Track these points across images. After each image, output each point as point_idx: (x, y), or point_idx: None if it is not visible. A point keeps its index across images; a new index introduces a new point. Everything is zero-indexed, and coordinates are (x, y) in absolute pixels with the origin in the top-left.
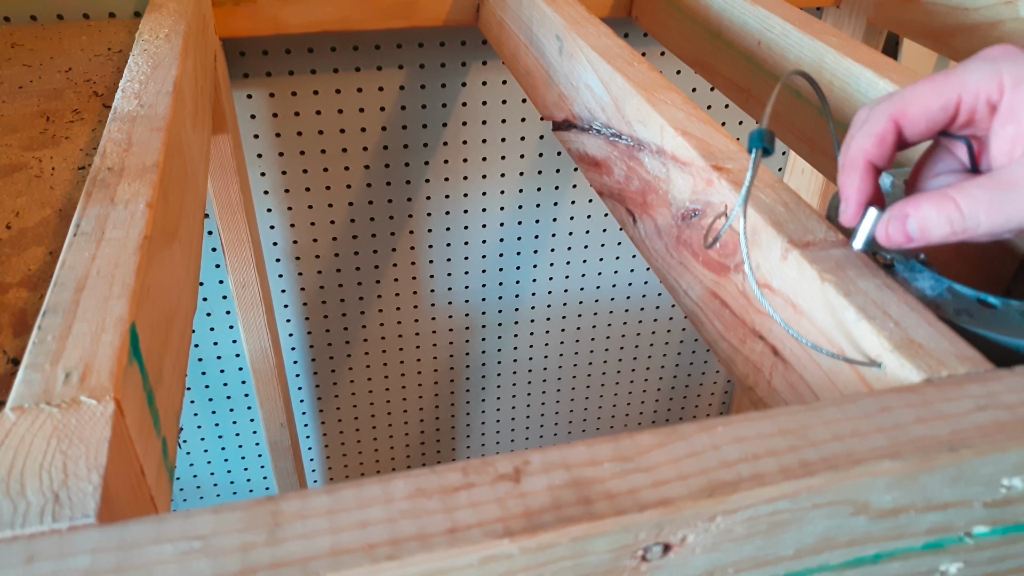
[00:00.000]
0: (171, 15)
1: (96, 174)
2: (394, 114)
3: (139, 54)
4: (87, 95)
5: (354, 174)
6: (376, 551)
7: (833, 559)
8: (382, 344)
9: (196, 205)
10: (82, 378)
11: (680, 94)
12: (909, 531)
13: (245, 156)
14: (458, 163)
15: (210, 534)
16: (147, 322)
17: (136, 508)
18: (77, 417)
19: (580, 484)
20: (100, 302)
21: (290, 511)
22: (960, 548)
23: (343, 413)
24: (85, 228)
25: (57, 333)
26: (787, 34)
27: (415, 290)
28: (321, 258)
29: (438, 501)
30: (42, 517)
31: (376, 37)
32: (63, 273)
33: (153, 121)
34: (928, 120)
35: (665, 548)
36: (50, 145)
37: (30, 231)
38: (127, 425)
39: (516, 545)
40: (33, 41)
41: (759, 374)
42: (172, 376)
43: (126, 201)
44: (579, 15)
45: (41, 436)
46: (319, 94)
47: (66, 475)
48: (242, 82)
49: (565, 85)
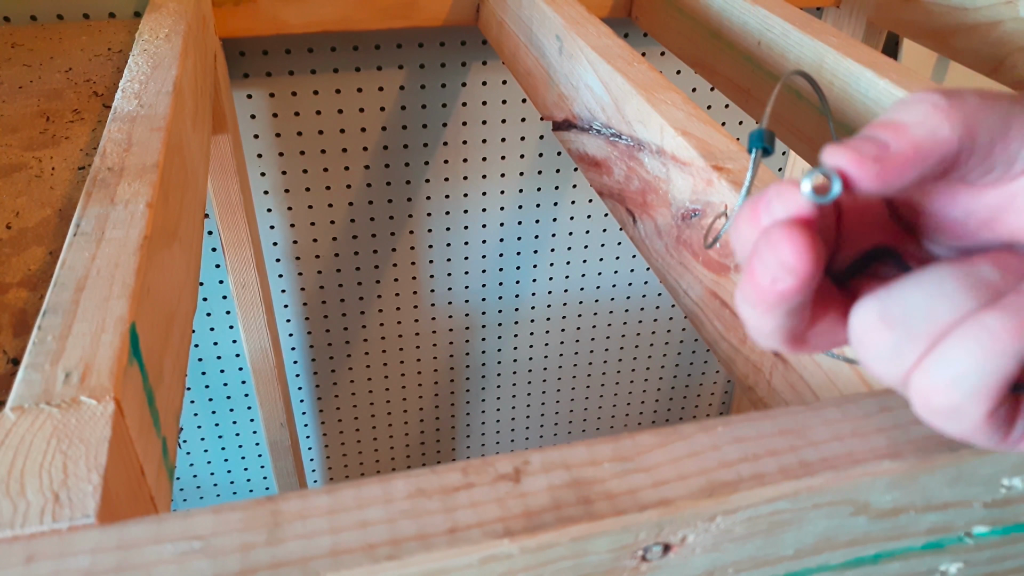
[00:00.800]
0: (171, 15)
1: (96, 174)
2: (394, 114)
3: (139, 54)
4: (87, 95)
5: (354, 174)
6: (376, 551)
7: (833, 559)
8: (382, 344)
9: (196, 205)
10: (82, 378)
11: (680, 94)
12: (909, 531)
13: (245, 156)
14: (458, 163)
15: (210, 534)
16: (147, 322)
17: (136, 508)
18: (77, 417)
19: (580, 484)
20: (100, 302)
21: (290, 511)
22: (960, 548)
23: (343, 413)
24: (85, 228)
25: (57, 333)
26: (787, 34)
27: (415, 290)
28: (321, 258)
29: (438, 501)
30: (42, 517)
31: (376, 37)
32: (63, 273)
33: (153, 121)
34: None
35: (665, 548)
36: (50, 145)
37: (30, 231)
38: (127, 425)
39: (516, 545)
40: (33, 41)
41: (759, 374)
42: (172, 376)
43: (126, 201)
44: (579, 15)
45: (41, 436)
46: (319, 94)
47: (66, 475)
48: (242, 82)
49: (565, 85)
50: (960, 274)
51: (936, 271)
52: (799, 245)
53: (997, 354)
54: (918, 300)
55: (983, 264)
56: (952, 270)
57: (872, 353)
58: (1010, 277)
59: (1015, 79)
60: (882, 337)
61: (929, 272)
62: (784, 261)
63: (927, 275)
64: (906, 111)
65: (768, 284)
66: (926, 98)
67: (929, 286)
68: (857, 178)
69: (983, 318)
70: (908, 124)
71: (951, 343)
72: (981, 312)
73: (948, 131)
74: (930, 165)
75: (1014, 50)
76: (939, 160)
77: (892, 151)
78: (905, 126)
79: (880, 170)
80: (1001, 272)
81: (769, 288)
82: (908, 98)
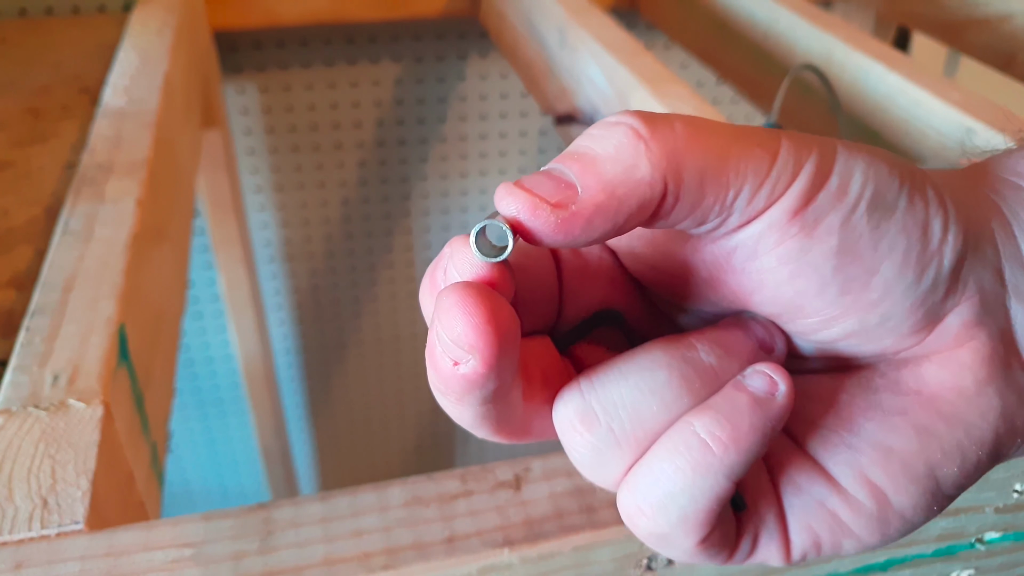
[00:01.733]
0: (161, 8)
1: (84, 171)
2: (390, 109)
3: (129, 48)
4: (76, 91)
5: (349, 171)
6: (371, 561)
7: (842, 566)
8: (377, 346)
9: (186, 203)
10: (70, 381)
11: (686, 87)
12: (920, 537)
13: (237, 152)
14: (456, 159)
15: (201, 542)
16: (136, 323)
17: (126, 514)
18: (65, 421)
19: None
20: (88, 303)
21: (283, 519)
22: (972, 554)
23: (337, 417)
24: (73, 226)
25: (45, 334)
26: (795, 27)
27: (412, 291)
28: (315, 258)
29: (435, 509)
30: (31, 523)
31: (372, 29)
32: (50, 273)
33: (142, 117)
34: None
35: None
36: (38, 142)
37: (18, 230)
38: (116, 429)
39: (516, 555)
40: (21, 36)
41: None
42: (161, 379)
43: (115, 199)
44: (581, 6)
45: (29, 440)
46: (313, 88)
47: (54, 480)
48: (234, 76)
49: (567, 78)
50: (673, 361)
51: (646, 357)
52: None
53: (709, 471)
54: (623, 395)
55: (701, 345)
56: (664, 356)
57: (575, 457)
58: (731, 360)
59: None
60: (582, 440)
61: (639, 358)
62: (460, 338)
63: (636, 362)
64: (601, 138)
65: (448, 369)
66: (625, 122)
67: (636, 377)
68: (535, 230)
69: (693, 423)
70: (599, 157)
71: (657, 456)
72: (691, 414)
73: (647, 170)
74: (626, 212)
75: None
76: (638, 205)
77: (579, 196)
78: (596, 159)
79: (562, 221)
80: (720, 354)
81: (451, 373)
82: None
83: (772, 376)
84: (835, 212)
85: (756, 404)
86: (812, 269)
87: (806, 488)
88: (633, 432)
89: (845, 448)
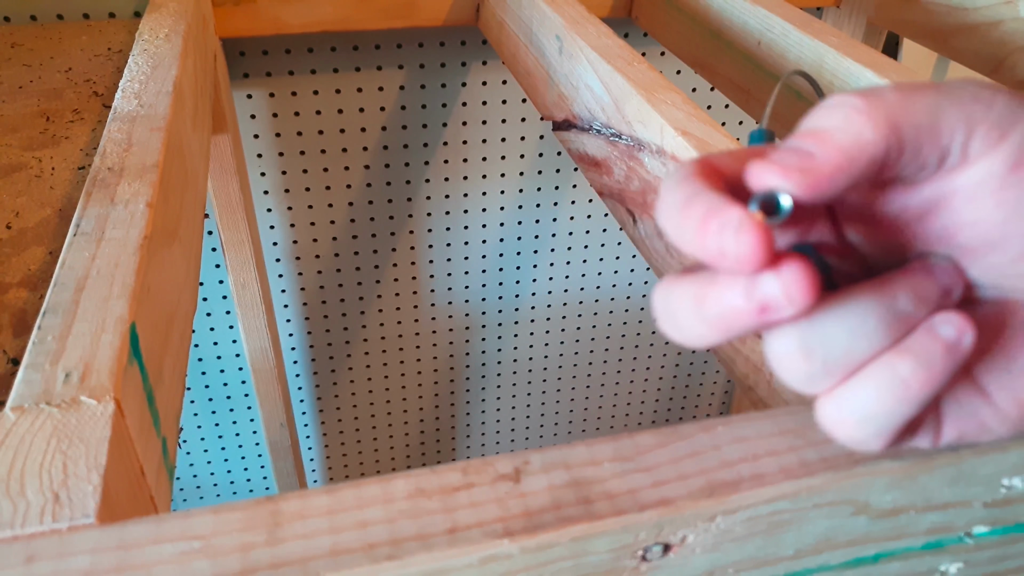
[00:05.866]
0: (171, 15)
1: (96, 174)
2: (394, 114)
3: (139, 54)
4: (87, 95)
5: (354, 174)
6: (376, 551)
7: (833, 559)
8: (382, 344)
9: (196, 205)
10: (82, 378)
11: (680, 94)
12: (909, 531)
13: (245, 156)
14: (458, 163)
15: (210, 534)
16: (147, 322)
17: (136, 508)
18: (77, 417)
19: (580, 484)
20: (100, 302)
21: (290, 511)
22: (960, 548)
23: (343, 413)
24: (85, 228)
25: (57, 333)
26: (787, 34)
27: (415, 290)
28: (321, 258)
29: (438, 501)
30: (42, 517)
31: (376, 37)
32: (63, 273)
33: (153, 121)
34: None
35: (665, 548)
36: (50, 145)
37: (30, 231)
38: (127, 425)
39: (516, 545)
40: (33, 41)
41: (759, 374)
42: (172, 376)
43: (126, 201)
44: (579, 15)
45: (41, 436)
46: (319, 94)
47: (66, 475)
48: (242, 82)
49: (565, 85)
50: (880, 310)
51: (858, 304)
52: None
53: (905, 401)
54: (839, 337)
55: (901, 294)
56: (874, 304)
57: (788, 377)
58: (923, 306)
59: (1015, 79)
60: (800, 367)
61: (851, 304)
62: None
63: (849, 308)
64: (826, 117)
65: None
66: (844, 101)
67: (851, 321)
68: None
69: (896, 365)
70: (830, 130)
71: (863, 383)
72: (894, 355)
73: (872, 133)
74: (859, 169)
75: (1014, 50)
76: (868, 163)
77: (818, 160)
78: (827, 132)
79: (810, 180)
80: (916, 302)
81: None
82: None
83: (960, 325)
84: None
85: (947, 351)
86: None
87: (965, 403)
88: (843, 366)
89: (1005, 374)
